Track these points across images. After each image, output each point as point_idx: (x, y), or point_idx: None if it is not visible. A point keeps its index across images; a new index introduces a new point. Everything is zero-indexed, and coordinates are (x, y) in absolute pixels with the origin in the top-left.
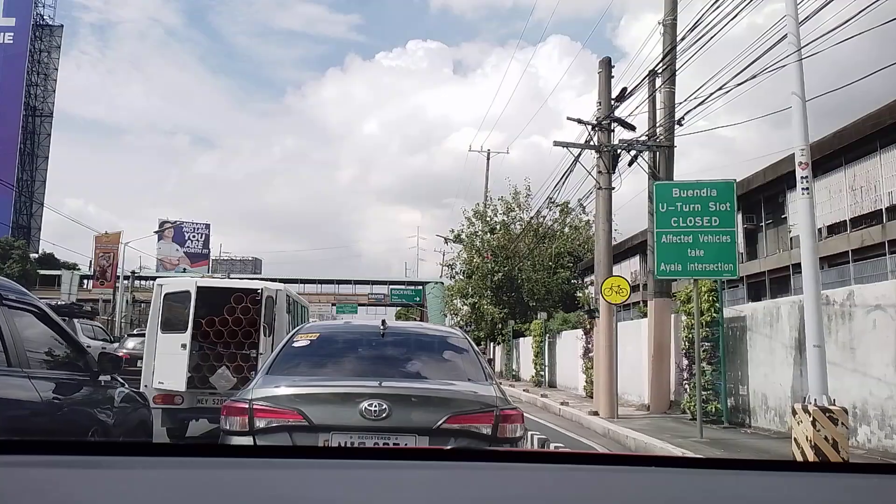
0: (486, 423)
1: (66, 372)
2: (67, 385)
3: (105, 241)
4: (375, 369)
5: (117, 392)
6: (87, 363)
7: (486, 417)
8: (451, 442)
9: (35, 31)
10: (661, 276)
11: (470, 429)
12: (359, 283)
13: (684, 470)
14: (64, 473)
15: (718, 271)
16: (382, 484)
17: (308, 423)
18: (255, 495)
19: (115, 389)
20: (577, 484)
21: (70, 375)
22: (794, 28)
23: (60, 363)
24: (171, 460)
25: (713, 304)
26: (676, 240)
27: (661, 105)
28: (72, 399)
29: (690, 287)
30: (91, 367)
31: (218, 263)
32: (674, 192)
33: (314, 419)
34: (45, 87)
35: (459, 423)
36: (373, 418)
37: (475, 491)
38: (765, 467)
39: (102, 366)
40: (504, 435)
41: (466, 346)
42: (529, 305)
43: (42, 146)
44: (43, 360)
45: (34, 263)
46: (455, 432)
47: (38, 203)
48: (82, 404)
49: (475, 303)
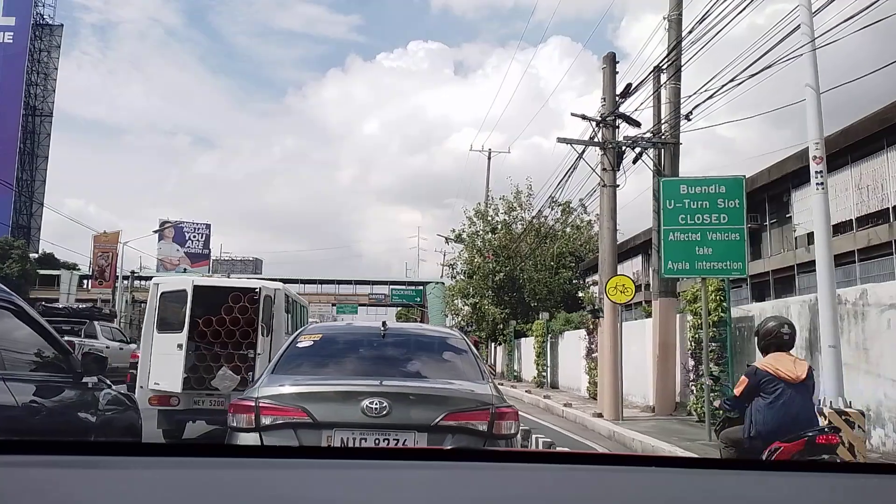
0: (482, 420)
1: (47, 373)
2: (47, 387)
3: (104, 240)
4: (376, 369)
5: (103, 394)
6: (69, 364)
7: (483, 415)
8: (448, 438)
9: (35, 30)
10: (668, 275)
11: (467, 426)
12: (359, 283)
13: (684, 470)
14: (63, 473)
15: (727, 270)
16: (382, 484)
17: (312, 420)
18: (255, 495)
19: (101, 391)
20: (577, 484)
21: (51, 377)
22: (808, 18)
23: (41, 364)
24: (171, 460)
25: (720, 304)
26: (684, 237)
27: (667, 100)
28: (52, 402)
29: (697, 286)
30: (74, 367)
31: (218, 264)
32: (681, 188)
33: (318, 416)
34: (45, 87)
35: (456, 420)
36: (373, 415)
37: (475, 491)
38: (765, 467)
39: (86, 366)
40: (500, 432)
41: (464, 346)
42: (531, 306)
43: (42, 146)
44: (21, 361)
45: (34, 263)
46: (452, 429)
47: (38, 203)
48: (64, 407)
49: (476, 303)
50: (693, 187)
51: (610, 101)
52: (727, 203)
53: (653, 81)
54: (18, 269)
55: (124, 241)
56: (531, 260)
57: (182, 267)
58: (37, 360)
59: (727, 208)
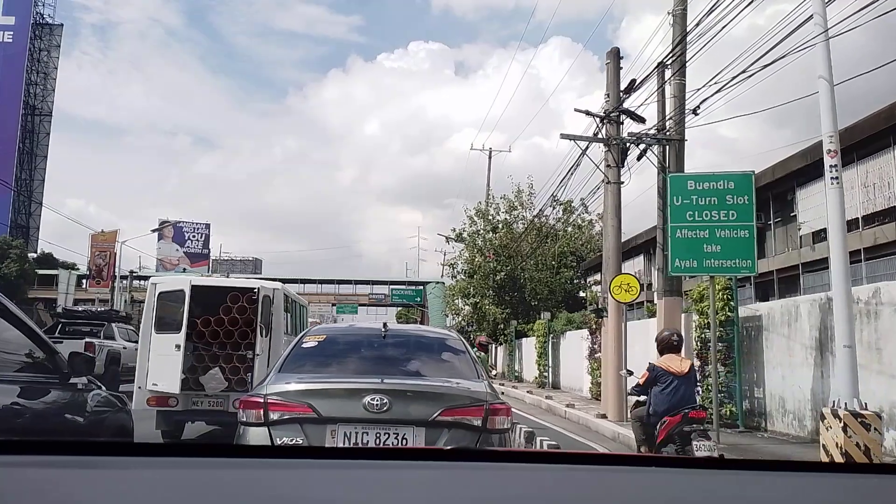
0: (476, 415)
1: (32, 374)
2: (32, 388)
3: (101, 239)
4: (377, 367)
5: (91, 395)
6: (56, 364)
7: (477, 411)
8: (445, 432)
9: (35, 29)
10: (675, 273)
11: (462, 421)
12: (359, 283)
13: (684, 470)
14: (63, 474)
15: (736, 268)
16: (383, 484)
17: (317, 416)
18: (255, 495)
19: (90, 392)
20: (577, 484)
21: (36, 377)
22: (821, 8)
23: (25, 364)
24: (171, 460)
25: (727, 303)
26: (691, 234)
27: (672, 96)
28: (37, 403)
29: (704, 285)
30: (61, 368)
31: (218, 263)
32: (689, 184)
33: (322, 412)
34: (44, 86)
35: (453, 415)
36: (375, 411)
37: (475, 491)
38: (764, 467)
39: (74, 367)
40: (493, 427)
41: (461, 347)
42: (532, 305)
43: (41, 145)
44: (5, 362)
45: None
46: (449, 424)
47: (37, 202)
48: (50, 409)
49: (477, 303)
50: (701, 183)
51: (614, 97)
52: (736, 199)
53: (657, 77)
54: (17, 269)
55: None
56: (532, 259)
57: (181, 267)
58: (21, 361)
59: (736, 205)
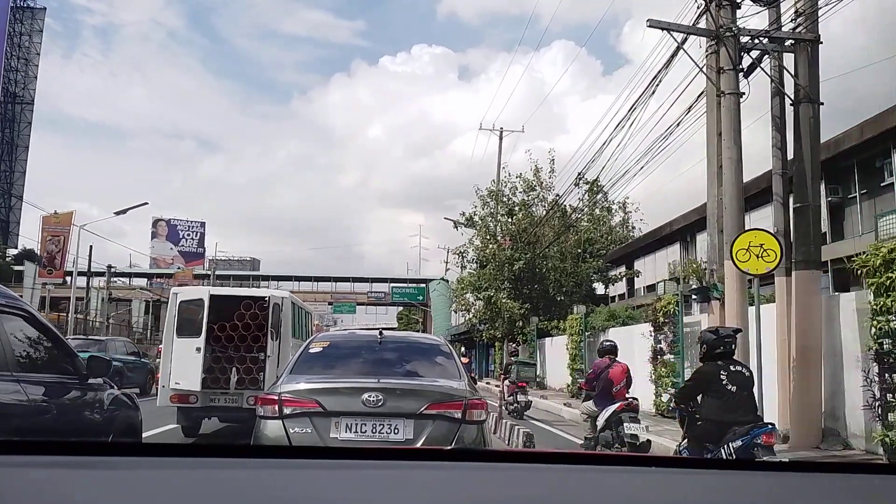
0: (457, 409)
1: (57, 375)
2: (56, 388)
3: (54, 222)
4: (374, 369)
5: (106, 395)
6: (76, 366)
7: (458, 405)
8: (430, 423)
9: (14, 12)
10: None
11: (445, 413)
12: (357, 280)
13: (684, 470)
14: (64, 474)
15: None
16: (382, 484)
17: (323, 410)
18: (255, 495)
19: (105, 392)
20: (576, 484)
21: (58, 378)
22: None
23: (49, 366)
24: (171, 461)
25: None
26: None
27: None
28: (59, 402)
29: (883, 246)
30: (80, 370)
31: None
32: None
33: (327, 406)
34: (25, 73)
35: (437, 409)
36: (371, 406)
37: (475, 491)
38: (764, 468)
39: (92, 369)
40: (471, 418)
41: (448, 351)
42: (556, 300)
43: (22, 135)
44: (32, 364)
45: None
46: (433, 416)
47: (17, 197)
48: (70, 406)
49: (491, 296)
50: None
51: None
52: None
53: None
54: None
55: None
56: (556, 246)
57: (176, 266)
58: (47, 363)
59: None
